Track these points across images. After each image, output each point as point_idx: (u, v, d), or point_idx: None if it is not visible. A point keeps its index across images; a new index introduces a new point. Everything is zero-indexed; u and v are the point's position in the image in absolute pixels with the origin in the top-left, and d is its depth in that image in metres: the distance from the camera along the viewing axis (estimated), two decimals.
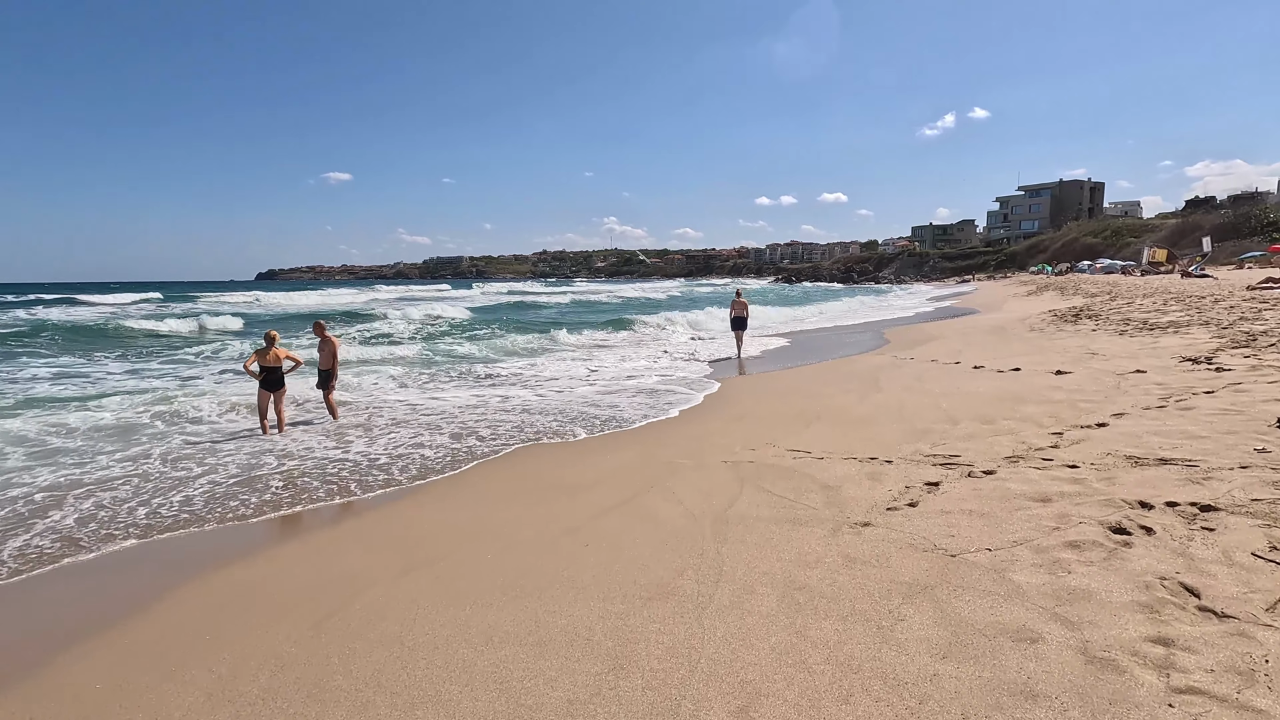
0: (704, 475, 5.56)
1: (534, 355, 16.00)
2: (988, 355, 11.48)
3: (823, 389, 9.71)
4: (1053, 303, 23.84)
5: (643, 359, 14.56)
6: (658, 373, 12.28)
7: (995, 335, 14.57)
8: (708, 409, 8.85)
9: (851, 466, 5.35)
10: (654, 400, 9.57)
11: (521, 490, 5.61)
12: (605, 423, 8.18)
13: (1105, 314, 15.54)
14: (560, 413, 8.87)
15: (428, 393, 10.78)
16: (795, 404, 8.71)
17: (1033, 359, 10.34)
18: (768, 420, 7.82)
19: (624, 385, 11.01)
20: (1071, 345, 11.44)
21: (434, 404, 9.79)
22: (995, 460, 5.06)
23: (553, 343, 18.66)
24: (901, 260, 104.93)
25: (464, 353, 16.49)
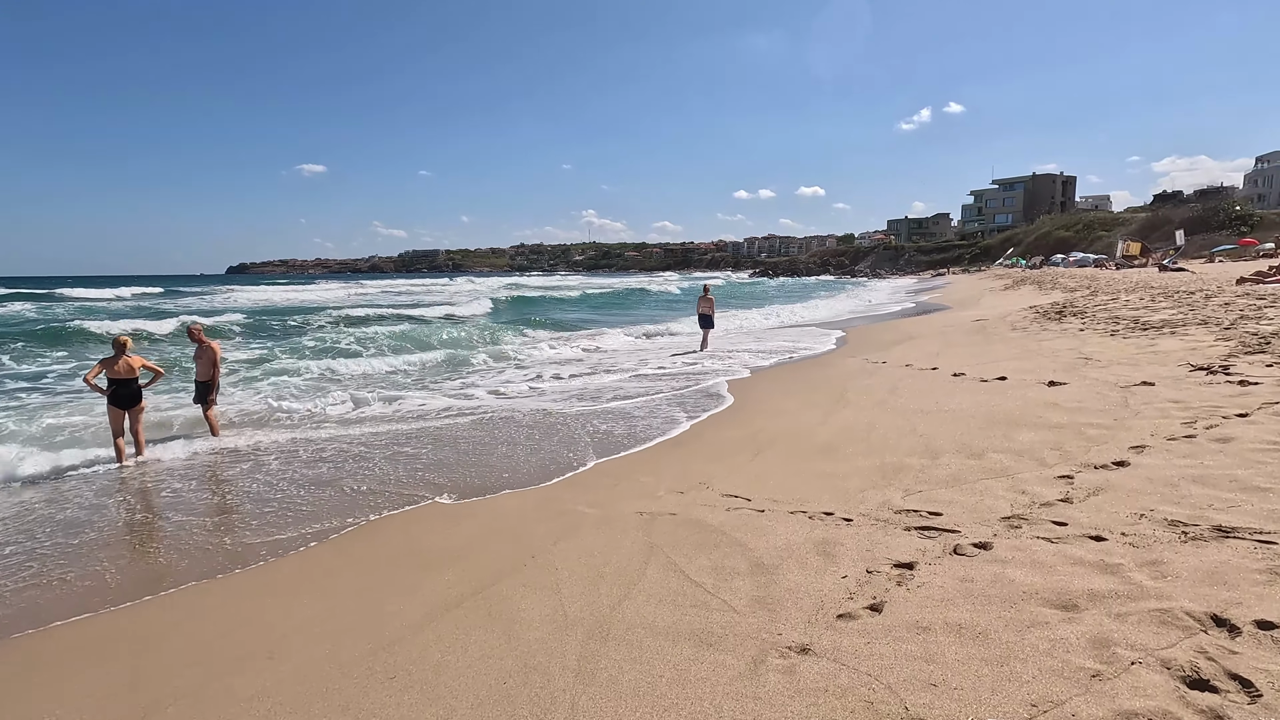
0: (606, 537, 4.16)
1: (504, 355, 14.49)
2: (968, 359, 10.26)
3: (782, 402, 8.38)
4: (1032, 298, 22.91)
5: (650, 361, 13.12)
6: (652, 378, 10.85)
7: (975, 335, 13.41)
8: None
9: (799, 527, 3.99)
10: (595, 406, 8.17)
11: (367, 565, 4.15)
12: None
13: (1091, 311, 14.48)
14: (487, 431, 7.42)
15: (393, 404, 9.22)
16: (747, 422, 7.36)
17: (1019, 365, 9.13)
18: (710, 445, 6.45)
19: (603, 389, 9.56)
20: (1060, 348, 10.27)
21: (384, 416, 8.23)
22: (989, 523, 3.73)
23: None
24: (877, 253, 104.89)
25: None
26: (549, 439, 7.19)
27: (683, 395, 9.43)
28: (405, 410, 8.92)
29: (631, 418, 8.03)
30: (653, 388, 10.07)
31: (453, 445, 7.11)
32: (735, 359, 12.98)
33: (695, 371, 11.55)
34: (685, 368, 12.04)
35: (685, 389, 9.86)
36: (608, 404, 8.96)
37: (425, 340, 17.61)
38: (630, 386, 10.31)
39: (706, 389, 9.81)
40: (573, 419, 8.14)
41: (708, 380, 10.48)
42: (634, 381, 10.78)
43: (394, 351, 15.17)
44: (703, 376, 10.92)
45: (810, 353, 13.50)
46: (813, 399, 8.35)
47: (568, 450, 6.65)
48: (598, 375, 11.61)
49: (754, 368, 11.78)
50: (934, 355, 11.11)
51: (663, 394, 9.53)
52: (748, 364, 12.21)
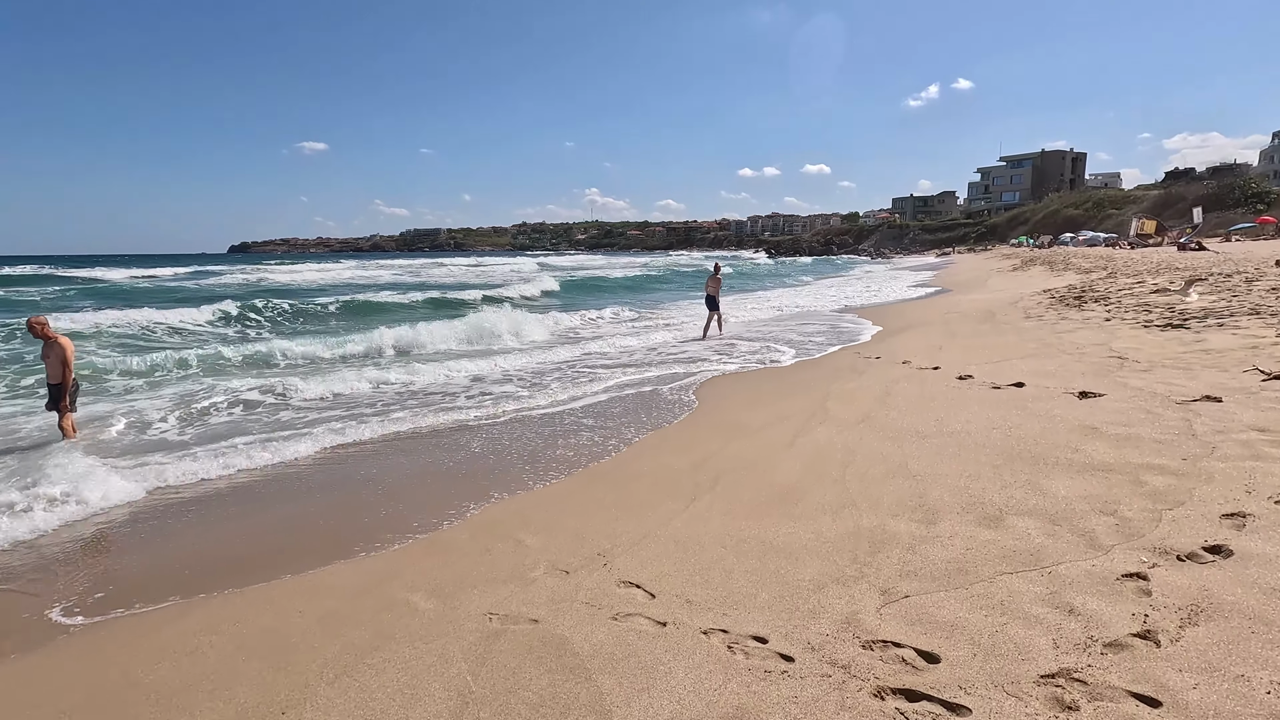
0: (410, 675, 2.63)
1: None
2: (976, 355, 8.68)
3: (750, 413, 6.82)
4: (1044, 280, 21.18)
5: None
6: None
7: (984, 324, 11.79)
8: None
9: (706, 669, 2.47)
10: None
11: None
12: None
13: (1115, 296, 12.83)
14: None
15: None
16: (697, 443, 5.82)
17: (1039, 365, 7.55)
18: (639, 480, 4.91)
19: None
20: (1085, 342, 8.66)
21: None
22: (1021, 690, 2.19)
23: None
24: (881, 232, 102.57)
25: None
26: (451, 466, 5.67)
27: (645, 395, 7.90)
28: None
29: (570, 430, 6.50)
30: (621, 383, 8.52)
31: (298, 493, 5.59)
32: (720, 350, 11.40)
33: (667, 366, 9.99)
34: (668, 358, 10.48)
35: (647, 388, 8.31)
36: (561, 407, 7.41)
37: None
38: (596, 385, 8.75)
39: (676, 386, 8.27)
40: (501, 429, 6.62)
41: (690, 372, 8.92)
42: (610, 373, 9.24)
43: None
44: (674, 375, 9.36)
45: (804, 343, 11.91)
46: (786, 408, 6.79)
47: (465, 484, 5.13)
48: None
49: (735, 362, 10.21)
50: (936, 350, 9.52)
51: (629, 390, 7.99)
52: (732, 354, 10.64)
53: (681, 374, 9.33)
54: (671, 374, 9.35)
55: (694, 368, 9.81)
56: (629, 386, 8.63)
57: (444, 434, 6.69)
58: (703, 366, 9.91)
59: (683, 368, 9.83)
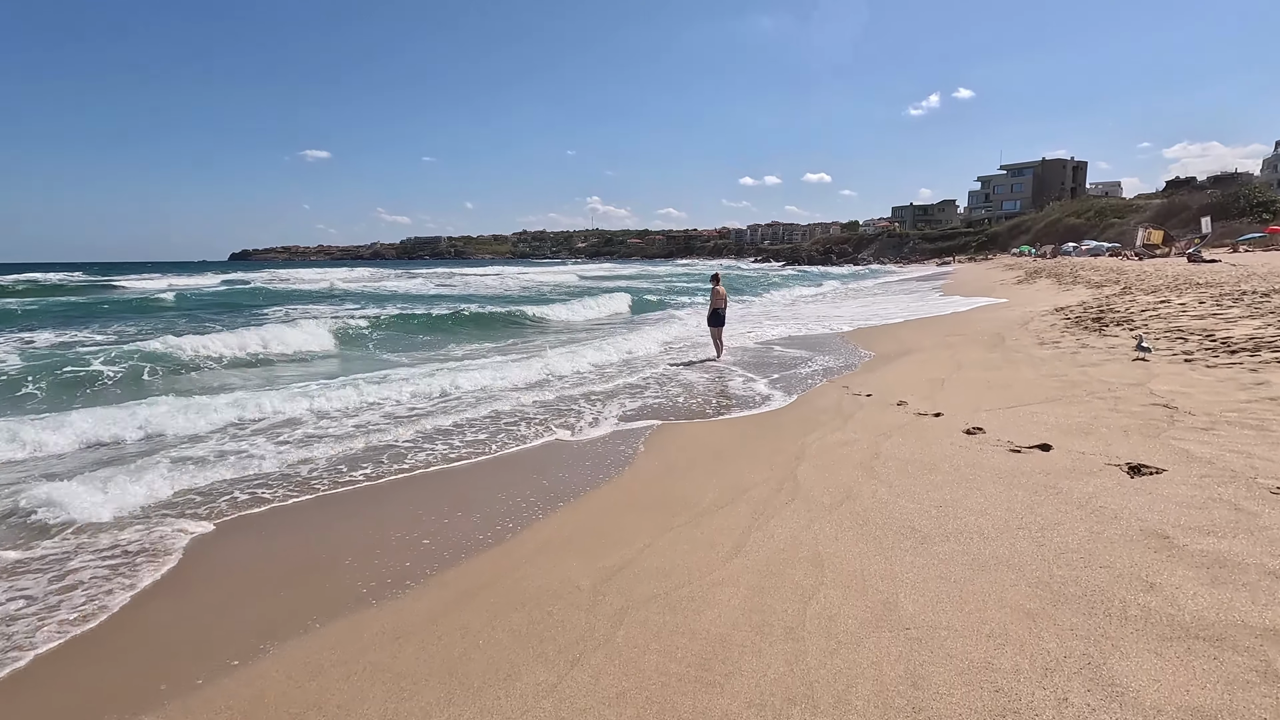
0: None
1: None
2: (986, 395, 7.22)
3: (699, 480, 5.34)
4: (1053, 295, 19.75)
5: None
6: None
7: (992, 351, 10.33)
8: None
9: None
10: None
11: None
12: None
13: (1139, 319, 11.39)
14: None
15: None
16: (617, 532, 4.34)
17: (1065, 414, 6.09)
18: (512, 616, 3.42)
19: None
20: (1118, 381, 7.21)
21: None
22: None
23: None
24: (881, 241, 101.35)
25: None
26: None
27: (584, 443, 6.42)
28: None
29: (445, 502, 5.02)
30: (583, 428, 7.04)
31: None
32: (691, 381, 9.93)
33: (633, 397, 8.51)
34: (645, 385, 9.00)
35: (599, 433, 6.84)
36: (452, 463, 5.92)
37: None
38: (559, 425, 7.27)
39: (627, 431, 6.79)
40: (335, 519, 5.14)
41: (652, 407, 7.45)
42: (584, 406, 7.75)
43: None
44: (631, 412, 7.88)
45: (788, 377, 10.44)
46: (748, 473, 5.32)
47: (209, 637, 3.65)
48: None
49: (700, 395, 8.73)
50: (938, 385, 8.06)
51: (573, 434, 6.51)
52: (701, 387, 9.17)
53: (637, 411, 7.85)
54: (632, 409, 7.89)
55: (655, 401, 8.34)
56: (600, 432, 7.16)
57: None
58: (665, 401, 8.43)
59: (645, 400, 8.36)
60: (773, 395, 8.64)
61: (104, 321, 20.57)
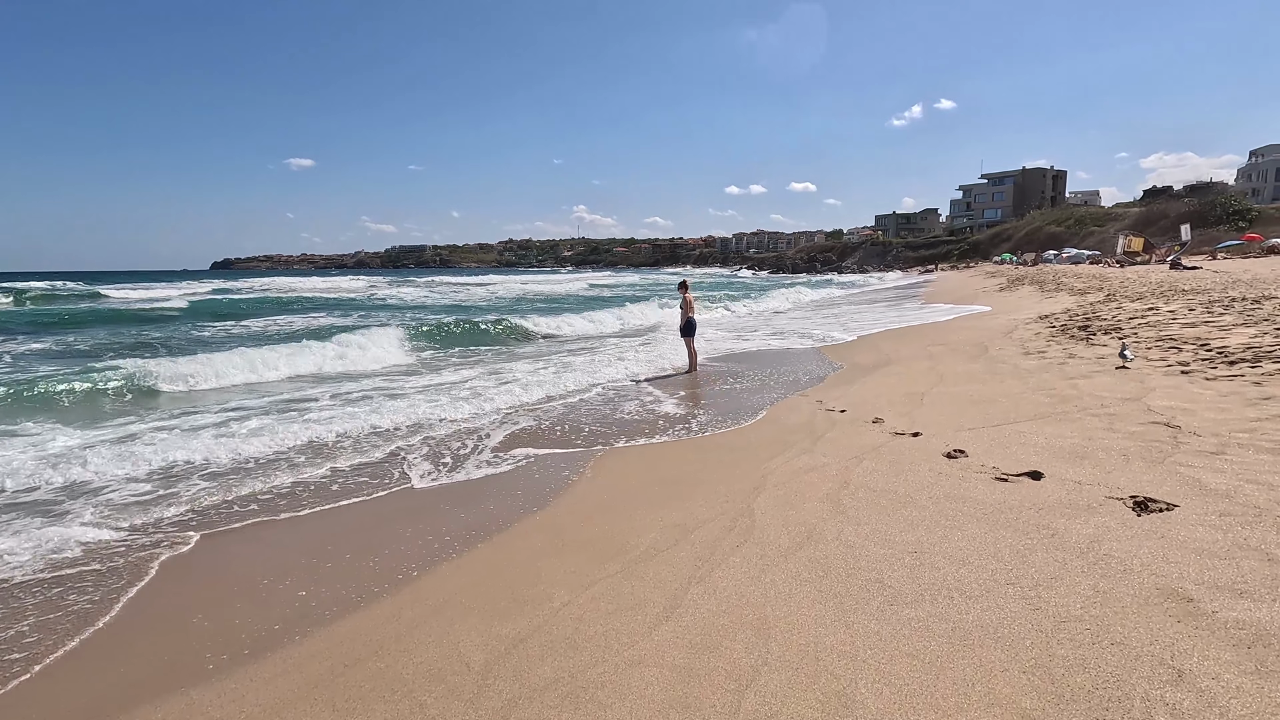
0: None
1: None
2: (970, 411, 6.59)
3: (639, 515, 4.62)
4: (1036, 302, 19.33)
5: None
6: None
7: (975, 361, 9.74)
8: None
9: None
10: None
11: None
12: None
13: (1128, 327, 10.88)
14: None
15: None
16: (534, 585, 3.61)
17: (1056, 433, 5.46)
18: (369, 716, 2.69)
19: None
20: (1110, 395, 6.62)
21: None
22: None
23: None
24: (865, 249, 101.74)
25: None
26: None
27: (520, 467, 5.68)
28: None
29: (324, 542, 4.27)
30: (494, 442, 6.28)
31: None
32: (655, 395, 9.23)
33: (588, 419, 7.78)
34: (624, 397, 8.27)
35: (525, 459, 6.11)
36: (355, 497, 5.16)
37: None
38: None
39: (571, 454, 6.05)
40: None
41: (602, 431, 6.71)
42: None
43: None
44: (585, 431, 7.15)
45: (761, 388, 9.77)
46: (698, 508, 4.62)
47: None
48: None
49: (670, 420, 8.03)
50: (917, 400, 7.43)
51: (503, 464, 5.76)
52: (665, 404, 8.48)
53: (588, 429, 7.13)
54: (586, 426, 7.16)
55: (612, 418, 7.62)
56: (499, 451, 6.41)
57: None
58: (622, 417, 7.72)
59: (602, 415, 7.65)
60: (741, 411, 7.97)
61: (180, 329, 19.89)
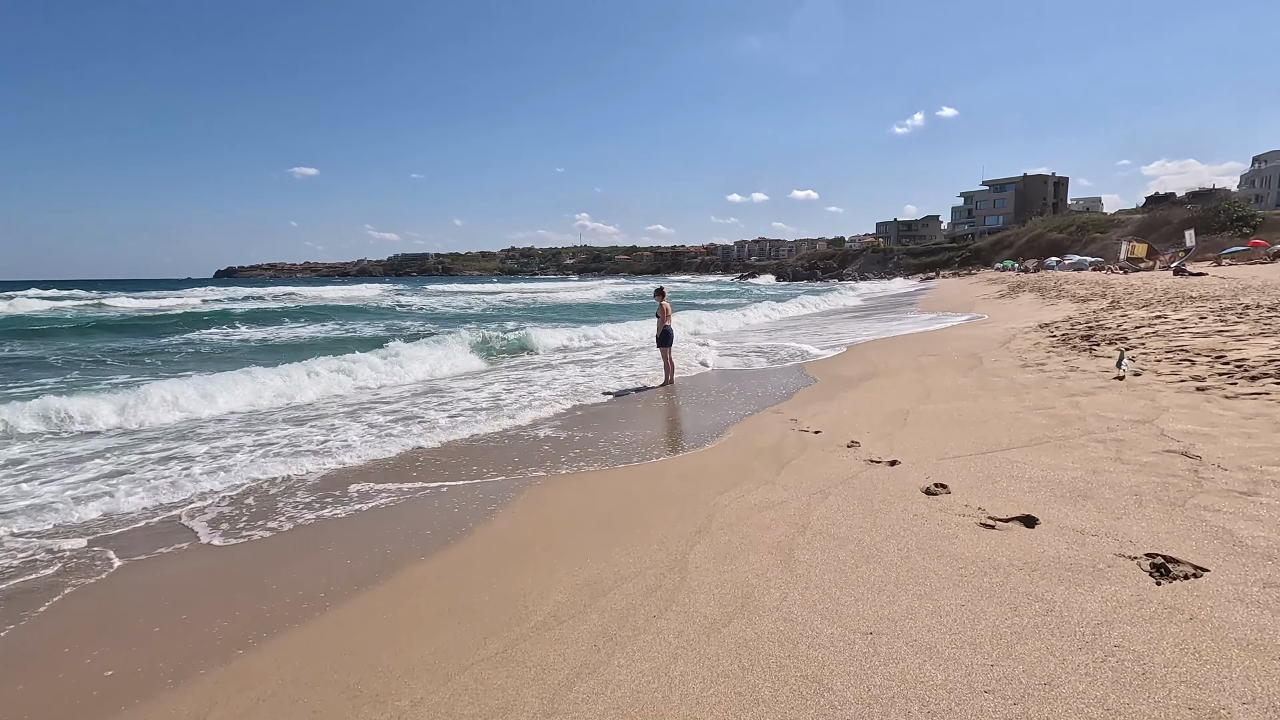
0: None
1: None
2: (957, 434, 5.80)
3: (548, 567, 3.84)
4: (1036, 310, 18.54)
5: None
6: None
7: (967, 374, 8.95)
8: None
9: None
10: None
11: None
12: None
13: (1134, 336, 10.07)
14: None
15: None
16: (358, 698, 2.81)
17: (1055, 464, 4.67)
18: None
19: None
20: (1116, 415, 5.82)
21: None
22: None
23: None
24: (866, 256, 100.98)
25: None
26: None
27: (444, 495, 4.89)
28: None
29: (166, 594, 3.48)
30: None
31: None
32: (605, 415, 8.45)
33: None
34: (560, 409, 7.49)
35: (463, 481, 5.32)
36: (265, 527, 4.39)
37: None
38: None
39: (498, 484, 5.26)
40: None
41: (536, 459, 5.92)
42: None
43: None
44: (519, 460, 6.37)
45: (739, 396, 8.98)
46: (621, 560, 3.83)
47: None
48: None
49: (621, 443, 7.25)
50: (900, 420, 6.63)
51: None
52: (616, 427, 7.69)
53: (534, 456, 6.34)
54: (532, 452, 6.38)
55: (563, 440, 6.84)
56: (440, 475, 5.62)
57: None
58: (571, 438, 6.94)
59: (550, 438, 6.86)
60: (706, 432, 7.18)
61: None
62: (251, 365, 10.96)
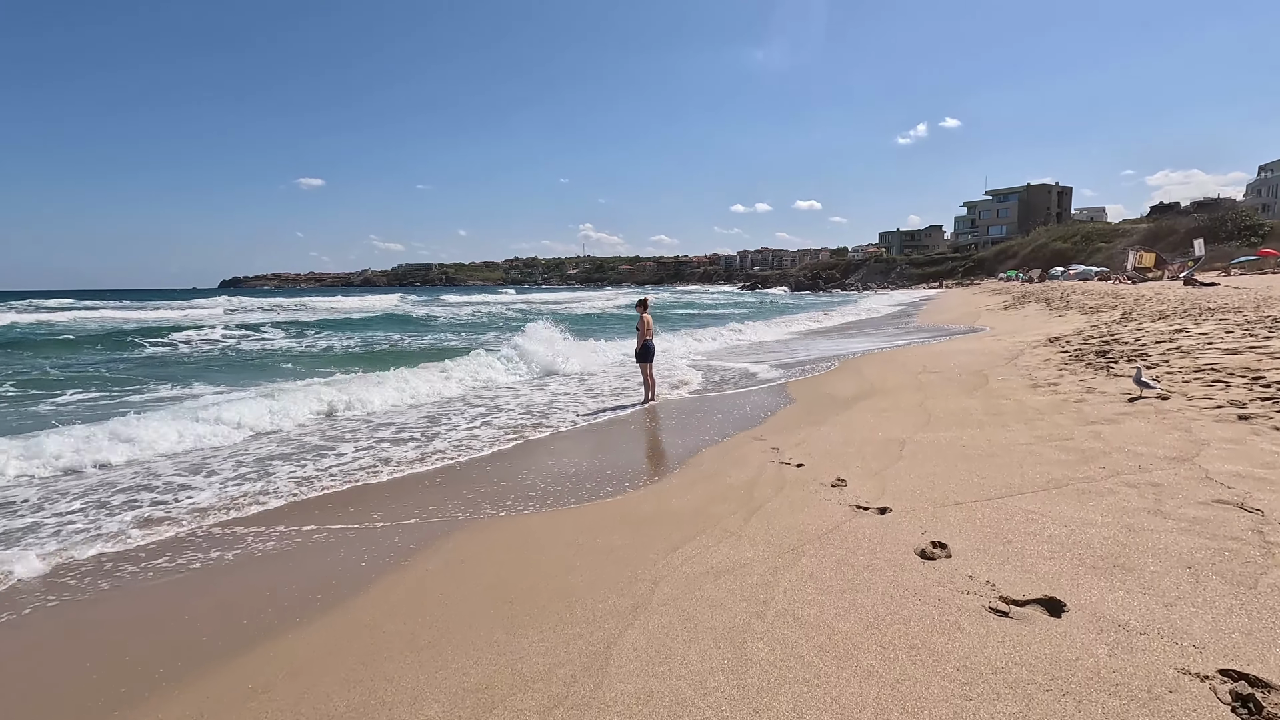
0: None
1: None
2: (959, 471, 4.94)
3: (402, 695, 3.00)
4: (1044, 322, 17.67)
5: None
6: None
7: (972, 395, 8.09)
8: None
9: None
10: None
11: None
12: None
13: (1155, 352, 9.20)
14: None
15: None
16: None
17: (1080, 523, 3.81)
18: None
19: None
20: (1148, 451, 4.96)
21: None
22: None
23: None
24: (869, 266, 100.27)
25: None
26: None
27: (365, 535, 4.04)
28: None
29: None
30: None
31: None
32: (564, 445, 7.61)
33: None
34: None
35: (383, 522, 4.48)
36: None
37: None
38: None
39: (415, 533, 4.41)
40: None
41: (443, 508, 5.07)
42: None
43: None
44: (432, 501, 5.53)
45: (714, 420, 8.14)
46: (519, 658, 2.99)
47: None
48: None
49: (580, 479, 6.41)
50: (896, 451, 5.78)
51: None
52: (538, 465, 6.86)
53: (461, 498, 5.51)
54: (461, 492, 5.54)
55: (509, 476, 6.01)
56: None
57: None
58: (512, 476, 6.10)
59: (491, 473, 6.03)
60: (673, 461, 6.33)
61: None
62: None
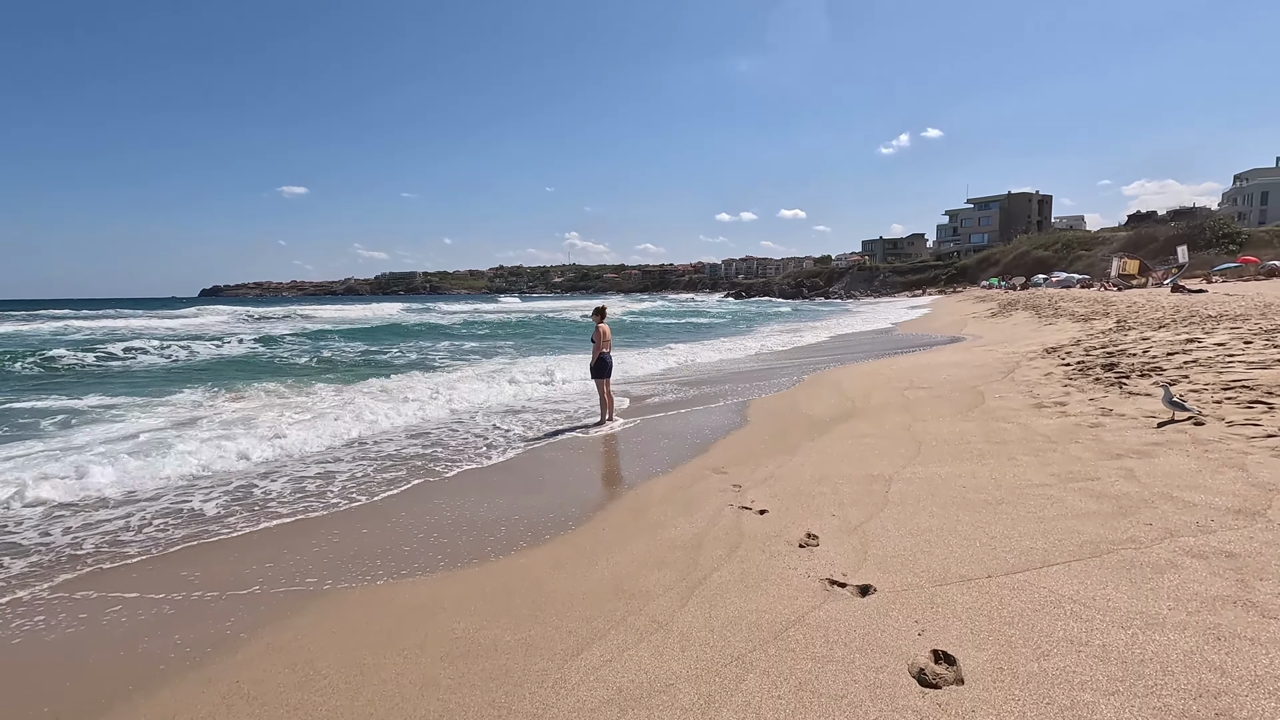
0: None
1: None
2: (962, 531, 3.85)
3: None
4: (1034, 330, 16.79)
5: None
6: None
7: (967, 418, 7.02)
8: None
9: None
10: None
11: None
12: None
13: (1166, 363, 8.22)
14: None
15: None
16: None
17: (1136, 613, 2.72)
18: None
19: None
20: (1205, 502, 3.90)
21: None
22: None
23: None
24: (852, 274, 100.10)
25: None
26: None
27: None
28: None
29: None
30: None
31: None
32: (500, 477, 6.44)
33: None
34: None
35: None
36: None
37: None
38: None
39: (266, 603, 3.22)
40: None
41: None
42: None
43: None
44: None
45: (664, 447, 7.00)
46: None
47: None
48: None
49: (498, 526, 5.25)
50: (880, 494, 4.67)
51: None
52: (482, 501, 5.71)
53: (318, 563, 4.32)
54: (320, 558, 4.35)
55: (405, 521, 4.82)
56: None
57: None
58: (393, 529, 4.92)
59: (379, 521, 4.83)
60: (612, 500, 5.18)
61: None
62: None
